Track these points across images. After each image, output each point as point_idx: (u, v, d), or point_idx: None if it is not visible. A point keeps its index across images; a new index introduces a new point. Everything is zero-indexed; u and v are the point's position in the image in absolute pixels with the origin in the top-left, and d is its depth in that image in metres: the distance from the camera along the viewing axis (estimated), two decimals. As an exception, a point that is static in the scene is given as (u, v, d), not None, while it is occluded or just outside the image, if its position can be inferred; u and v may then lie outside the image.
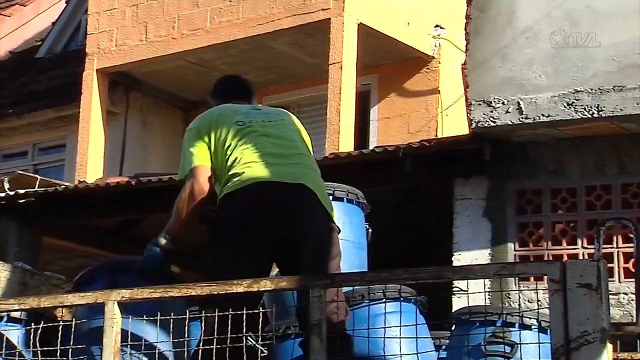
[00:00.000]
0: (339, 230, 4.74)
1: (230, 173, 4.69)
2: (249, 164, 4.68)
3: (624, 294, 7.01)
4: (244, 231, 4.59)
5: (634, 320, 6.04)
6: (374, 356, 4.45)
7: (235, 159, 4.70)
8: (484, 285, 6.50)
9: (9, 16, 16.97)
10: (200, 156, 4.77)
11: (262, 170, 4.68)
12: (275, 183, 4.64)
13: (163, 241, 4.78)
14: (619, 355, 5.17)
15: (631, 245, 7.04)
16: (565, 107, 7.11)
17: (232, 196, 4.64)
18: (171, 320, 4.47)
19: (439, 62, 11.67)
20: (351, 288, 4.82)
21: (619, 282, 7.09)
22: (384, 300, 4.68)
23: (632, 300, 6.92)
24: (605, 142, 7.36)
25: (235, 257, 4.57)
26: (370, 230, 5.61)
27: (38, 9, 17.25)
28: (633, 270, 7.04)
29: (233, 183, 4.65)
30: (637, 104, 6.96)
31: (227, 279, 4.28)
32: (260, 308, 4.42)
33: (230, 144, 4.73)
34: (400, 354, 4.35)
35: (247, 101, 5.08)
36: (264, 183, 4.64)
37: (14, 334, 4.98)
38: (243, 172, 4.66)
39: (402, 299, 4.58)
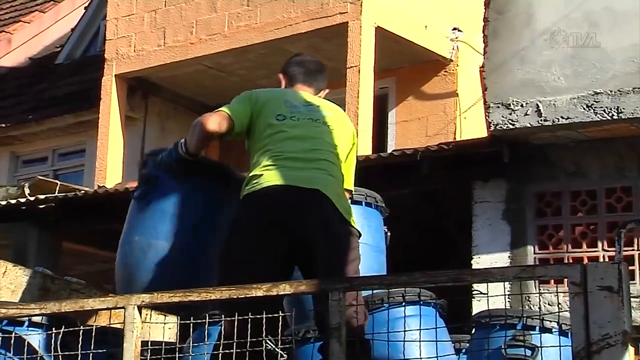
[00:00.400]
0: (360, 234, 4.73)
1: (250, 175, 4.75)
2: (268, 167, 4.71)
3: (645, 296, 7.00)
4: (258, 234, 4.62)
5: (655, 322, 6.02)
6: (394, 360, 4.44)
7: (258, 161, 4.78)
8: (504, 288, 6.47)
9: (29, 23, 17.05)
10: (234, 111, 4.99)
11: (278, 174, 4.70)
12: (290, 187, 4.65)
13: (180, 148, 5.04)
14: (640, 358, 5.15)
15: (653, 248, 7.06)
16: (584, 109, 7.10)
17: (249, 199, 4.69)
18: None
19: (457, 65, 11.66)
20: (370, 292, 4.81)
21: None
22: (403, 303, 4.66)
23: (653, 302, 6.92)
24: (625, 144, 7.33)
25: (248, 260, 4.60)
26: (389, 234, 5.61)
27: (57, 15, 17.32)
28: (654, 272, 7.05)
29: (251, 185, 4.70)
30: (658, 105, 6.95)
31: (240, 281, 4.31)
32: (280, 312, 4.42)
33: (261, 142, 4.88)
34: (421, 358, 4.34)
35: (313, 87, 5.18)
36: (278, 187, 4.65)
37: (35, 339, 4.99)
38: (261, 175, 4.71)
39: (421, 302, 4.57)
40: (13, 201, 9.69)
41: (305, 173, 4.69)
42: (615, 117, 7.03)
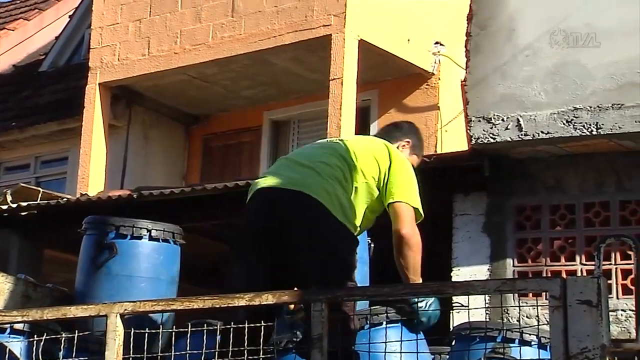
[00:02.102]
0: (353, 239, 4.70)
1: None
2: (260, 177, 4.80)
3: (622, 310, 7.00)
4: (250, 237, 4.70)
5: (633, 337, 6.04)
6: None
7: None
8: (485, 300, 6.49)
9: (13, 30, 17.02)
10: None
11: (265, 180, 4.78)
12: (271, 190, 4.69)
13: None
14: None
15: (629, 262, 7.06)
16: (564, 124, 7.12)
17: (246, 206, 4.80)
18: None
19: (439, 79, 11.70)
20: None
21: (617, 298, 7.08)
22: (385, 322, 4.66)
23: (630, 317, 6.92)
24: (604, 160, 7.36)
25: (243, 261, 4.66)
26: (372, 245, 5.62)
27: (42, 23, 17.29)
28: (631, 287, 7.05)
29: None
30: (636, 121, 6.96)
31: (237, 283, 4.38)
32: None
33: None
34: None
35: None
36: (263, 189, 4.73)
37: (17, 346, 4.98)
38: (253, 182, 4.87)
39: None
40: (-5, 208, 9.65)
41: (291, 177, 4.73)
42: (594, 132, 7.06)
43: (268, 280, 4.54)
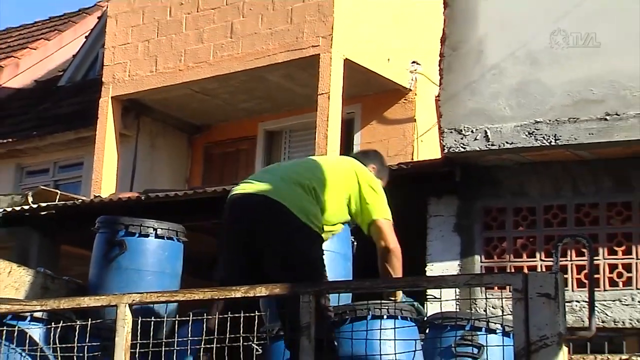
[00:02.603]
0: (316, 236, 4.70)
1: None
2: (236, 186, 4.90)
3: (577, 301, 7.01)
4: (226, 238, 4.77)
5: (586, 325, 6.05)
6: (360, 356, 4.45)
7: None
8: (455, 293, 6.49)
9: (35, 49, 17.01)
10: None
11: (238, 188, 4.86)
12: (241, 195, 4.74)
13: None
14: (572, 357, 5.18)
15: (583, 258, 7.07)
16: (526, 135, 7.13)
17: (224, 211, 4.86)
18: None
19: (415, 94, 11.71)
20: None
21: (572, 291, 7.08)
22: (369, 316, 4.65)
23: (584, 307, 6.94)
24: (561, 167, 7.37)
25: (222, 259, 4.75)
26: (355, 243, 5.61)
27: (61, 43, 17.29)
28: (585, 280, 7.07)
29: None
30: (590, 134, 6.98)
31: (218, 276, 4.41)
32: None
33: None
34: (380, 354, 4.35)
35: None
36: (236, 196, 4.80)
37: (36, 332, 4.97)
38: (231, 190, 4.94)
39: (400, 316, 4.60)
40: (17, 208, 9.63)
41: (258, 185, 4.78)
42: (553, 143, 7.07)
43: (243, 274, 4.57)
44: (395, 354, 4.28)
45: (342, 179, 4.88)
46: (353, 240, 5.58)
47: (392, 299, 4.76)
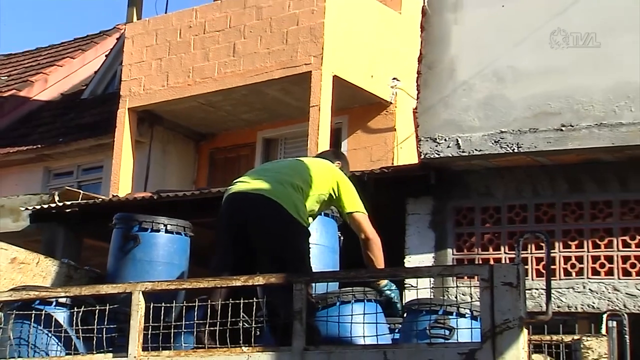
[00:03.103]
0: (305, 231, 4.70)
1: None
2: (231, 184, 4.88)
3: (536, 289, 7.01)
4: (222, 232, 4.74)
5: (544, 310, 6.05)
6: (345, 338, 4.44)
7: None
8: (430, 282, 6.50)
9: (62, 66, 17.01)
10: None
11: (234, 187, 4.83)
12: (237, 192, 4.71)
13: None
14: (531, 338, 5.18)
15: (542, 251, 7.09)
16: (493, 144, 7.14)
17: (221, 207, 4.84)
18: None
19: (396, 107, 11.72)
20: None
21: (532, 280, 7.09)
22: (353, 300, 4.64)
23: (542, 294, 6.93)
24: (523, 172, 7.38)
25: (218, 248, 4.73)
26: (342, 238, 5.60)
27: (84, 60, 17.29)
28: (543, 270, 7.08)
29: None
30: (548, 142, 6.99)
31: (214, 266, 4.40)
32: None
33: None
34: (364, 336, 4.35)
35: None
36: (232, 194, 4.78)
37: (61, 316, 4.95)
38: (226, 189, 4.92)
39: (366, 299, 4.59)
40: (45, 206, 9.61)
41: (253, 184, 4.76)
42: (516, 150, 7.08)
43: (236, 263, 4.56)
44: (364, 336, 4.29)
45: (322, 178, 4.89)
46: (340, 235, 5.58)
47: (378, 284, 4.76)
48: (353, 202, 4.91)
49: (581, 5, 6.98)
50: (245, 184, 4.78)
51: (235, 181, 4.88)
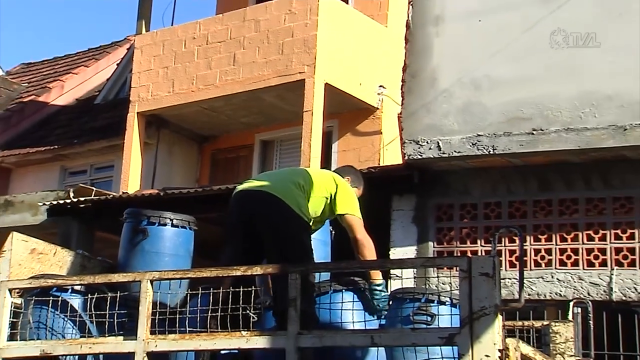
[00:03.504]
0: (306, 225, 4.69)
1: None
2: (240, 184, 4.87)
3: (509, 279, 7.02)
4: (231, 226, 4.74)
5: (516, 297, 6.06)
6: (335, 324, 4.44)
7: None
8: (413, 272, 6.50)
9: (77, 74, 17.00)
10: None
11: (242, 185, 4.84)
12: (245, 190, 4.73)
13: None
14: (505, 323, 5.18)
15: (514, 244, 7.10)
16: (470, 146, 7.14)
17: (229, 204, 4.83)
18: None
19: (382, 112, 11.72)
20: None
21: (506, 270, 7.10)
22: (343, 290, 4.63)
23: (515, 283, 6.95)
24: (498, 172, 7.38)
25: (226, 244, 4.73)
26: (333, 232, 5.59)
27: (97, 69, 17.27)
28: (515, 262, 7.09)
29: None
30: (520, 145, 7.00)
31: (224, 258, 4.39)
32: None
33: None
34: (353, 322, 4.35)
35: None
36: (240, 191, 4.79)
37: (75, 302, 4.94)
38: (236, 187, 4.90)
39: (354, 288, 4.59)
40: (61, 202, 9.58)
41: (258, 183, 4.77)
42: (491, 152, 7.08)
43: (244, 256, 4.56)
44: (353, 321, 4.30)
45: (324, 183, 4.88)
46: (331, 229, 5.57)
47: (372, 279, 4.70)
48: (347, 205, 4.86)
49: (549, 20, 6.99)
50: (251, 183, 4.80)
51: (243, 181, 4.90)
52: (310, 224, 4.75)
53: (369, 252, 4.72)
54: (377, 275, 4.73)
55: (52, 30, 44.67)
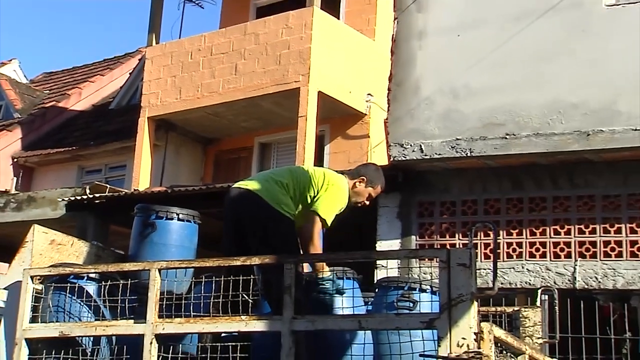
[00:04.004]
0: (285, 218, 4.62)
1: None
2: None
3: (484, 269, 7.03)
4: (225, 223, 4.71)
5: (490, 286, 6.06)
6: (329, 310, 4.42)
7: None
8: (397, 263, 6.49)
9: (93, 82, 16.98)
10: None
11: (234, 185, 4.79)
12: (233, 189, 4.73)
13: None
14: (480, 309, 5.18)
15: (489, 238, 7.11)
16: (450, 149, 7.15)
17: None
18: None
19: (370, 117, 11.73)
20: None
21: (481, 261, 7.11)
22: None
23: (489, 273, 6.96)
24: (475, 172, 7.39)
25: (224, 237, 4.70)
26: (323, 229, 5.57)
27: (111, 77, 17.25)
28: (490, 254, 7.09)
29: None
30: (494, 148, 7.00)
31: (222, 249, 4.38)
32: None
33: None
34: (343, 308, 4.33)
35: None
36: (230, 191, 4.76)
37: (91, 288, 4.91)
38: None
39: (345, 277, 4.56)
40: (78, 198, 9.55)
41: (246, 182, 4.73)
42: (469, 154, 7.09)
43: (237, 248, 4.54)
44: (342, 307, 4.28)
45: (315, 182, 4.72)
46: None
47: (320, 271, 4.58)
48: (322, 207, 4.62)
49: (521, 36, 7.00)
50: (240, 183, 4.77)
51: (237, 181, 4.87)
52: (292, 216, 4.65)
53: (314, 248, 4.51)
54: (324, 268, 4.58)
55: (71, 41, 44.53)
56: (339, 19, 12.10)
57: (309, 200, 4.68)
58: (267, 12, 12.38)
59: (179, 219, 5.63)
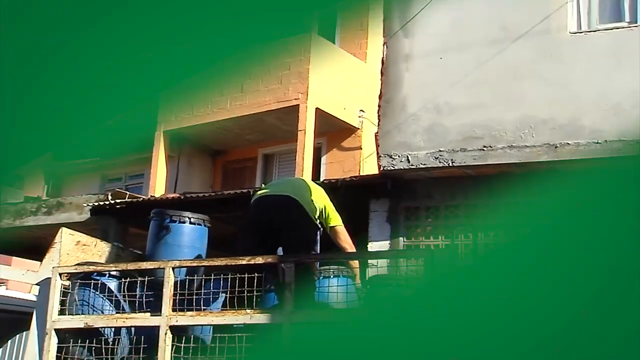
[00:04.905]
0: (318, 227, 4.76)
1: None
2: (259, 190, 4.81)
3: (465, 267, 7.04)
4: (251, 224, 4.73)
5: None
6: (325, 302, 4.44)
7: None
8: (387, 262, 6.50)
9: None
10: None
11: (262, 191, 4.84)
12: (267, 196, 4.74)
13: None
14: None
15: (469, 239, 7.11)
16: (433, 160, 7.17)
17: (250, 206, 4.82)
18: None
19: (362, 131, 11.75)
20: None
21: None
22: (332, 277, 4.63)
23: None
24: (456, 180, 7.40)
25: (245, 237, 4.67)
26: (321, 229, 5.60)
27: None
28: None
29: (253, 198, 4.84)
30: (474, 159, 7.02)
31: (241, 250, 4.40)
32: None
33: None
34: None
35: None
36: (260, 197, 4.80)
37: (112, 285, 4.93)
38: (255, 193, 4.92)
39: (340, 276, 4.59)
40: (102, 203, 9.55)
41: (276, 189, 4.76)
42: (450, 165, 7.10)
43: (260, 248, 4.55)
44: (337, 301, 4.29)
45: (322, 196, 4.95)
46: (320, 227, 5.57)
47: (352, 267, 4.74)
48: (335, 218, 4.94)
49: (497, 59, 7.03)
50: (270, 190, 4.82)
51: (259, 191, 4.91)
52: (316, 222, 4.81)
53: (349, 247, 4.78)
54: (355, 265, 4.77)
55: (93, 63, 44.38)
56: (334, 43, 12.15)
57: (319, 212, 4.85)
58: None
59: (190, 223, 5.65)
